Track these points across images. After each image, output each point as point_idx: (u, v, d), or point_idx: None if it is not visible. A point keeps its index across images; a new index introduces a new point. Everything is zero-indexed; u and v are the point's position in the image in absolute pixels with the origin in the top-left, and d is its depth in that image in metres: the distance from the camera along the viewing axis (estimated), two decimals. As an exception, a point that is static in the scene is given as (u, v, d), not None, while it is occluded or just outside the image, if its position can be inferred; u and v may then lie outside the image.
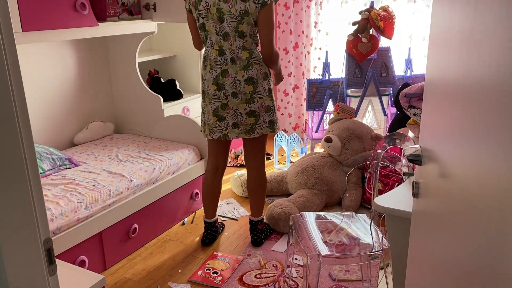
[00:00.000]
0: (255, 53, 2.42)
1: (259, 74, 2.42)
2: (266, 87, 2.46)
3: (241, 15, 2.32)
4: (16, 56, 0.82)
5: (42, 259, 0.91)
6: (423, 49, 4.03)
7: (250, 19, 2.34)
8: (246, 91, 2.42)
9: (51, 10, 2.43)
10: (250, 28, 2.36)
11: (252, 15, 2.33)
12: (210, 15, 2.37)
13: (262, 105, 2.47)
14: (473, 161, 0.80)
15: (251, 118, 2.47)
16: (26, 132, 0.85)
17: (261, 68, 2.44)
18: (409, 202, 1.52)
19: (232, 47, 2.39)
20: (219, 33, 2.39)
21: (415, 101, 2.51)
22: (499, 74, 0.68)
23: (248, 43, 2.39)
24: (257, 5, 2.30)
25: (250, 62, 2.40)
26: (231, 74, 2.41)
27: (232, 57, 2.40)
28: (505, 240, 0.64)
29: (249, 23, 2.35)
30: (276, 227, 2.89)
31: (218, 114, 2.49)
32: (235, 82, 2.41)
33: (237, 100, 2.44)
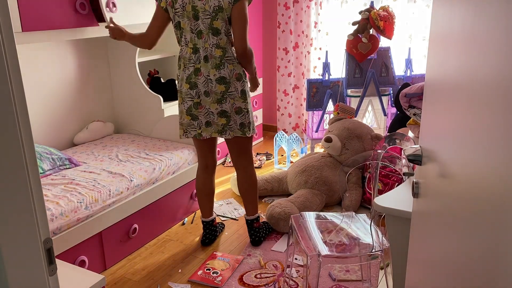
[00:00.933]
0: (229, 53, 2.39)
1: (232, 74, 2.39)
2: (239, 89, 2.42)
3: (215, 11, 2.30)
4: (16, 56, 0.82)
5: (42, 259, 0.91)
6: (423, 49, 4.03)
7: (224, 15, 2.31)
8: (218, 90, 2.40)
9: (51, 10, 2.43)
10: (224, 25, 2.34)
11: (226, 11, 2.30)
12: (185, 13, 2.36)
13: (233, 106, 2.43)
14: (473, 161, 0.80)
15: (222, 118, 2.45)
16: (26, 132, 0.85)
17: (235, 68, 2.40)
18: (409, 202, 1.52)
19: (205, 45, 2.37)
20: (193, 30, 2.38)
21: (415, 101, 2.51)
22: (499, 74, 0.68)
23: (223, 41, 2.37)
24: (230, 0, 2.28)
25: (223, 61, 2.38)
26: (204, 73, 2.40)
27: (206, 55, 2.38)
28: (505, 240, 0.64)
29: (223, 19, 2.32)
30: (276, 227, 2.89)
31: (191, 113, 2.48)
32: (207, 81, 2.39)
33: (209, 99, 2.42)
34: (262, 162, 4.09)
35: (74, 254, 2.32)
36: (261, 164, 4.06)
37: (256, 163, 4.04)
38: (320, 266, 1.93)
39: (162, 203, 2.90)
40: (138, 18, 2.94)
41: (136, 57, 3.30)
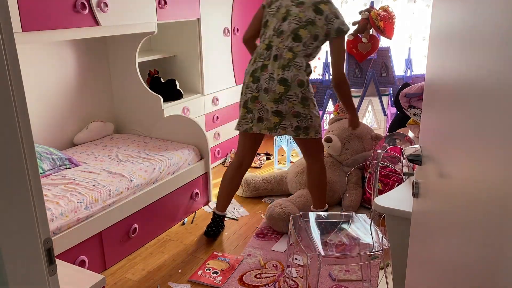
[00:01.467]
0: (300, 60, 2.43)
1: (294, 78, 2.42)
2: (300, 95, 2.44)
3: (307, 22, 2.41)
4: (16, 56, 0.82)
5: (42, 259, 0.91)
6: (423, 49, 4.03)
7: (313, 31, 2.42)
8: (277, 90, 2.43)
9: (51, 10, 2.43)
10: (308, 38, 2.42)
11: (317, 29, 2.41)
12: (277, 14, 2.49)
13: (290, 109, 2.46)
14: (473, 161, 0.80)
15: (276, 117, 2.48)
16: (26, 132, 0.85)
17: (299, 74, 2.42)
18: (409, 202, 1.52)
19: (280, 45, 2.45)
20: (276, 30, 2.48)
21: (415, 101, 2.51)
22: (499, 74, 0.68)
23: (298, 48, 2.43)
24: (328, 26, 2.42)
25: (290, 64, 2.42)
26: (269, 70, 2.45)
27: (276, 54, 2.45)
28: (505, 240, 0.64)
29: (310, 33, 2.42)
30: (276, 227, 2.89)
31: (247, 106, 2.54)
32: (270, 79, 2.44)
33: (267, 97, 2.46)
34: (262, 162, 4.09)
35: (74, 254, 2.32)
36: (261, 164, 4.06)
37: (256, 163, 4.04)
38: (320, 266, 1.92)
39: (162, 203, 2.90)
40: (130, 18, 2.94)
41: (136, 57, 3.30)
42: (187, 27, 3.64)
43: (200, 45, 3.65)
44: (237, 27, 4.06)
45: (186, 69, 3.79)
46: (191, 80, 3.80)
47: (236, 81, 4.19)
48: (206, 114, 3.86)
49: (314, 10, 2.43)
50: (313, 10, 2.43)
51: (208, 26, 3.69)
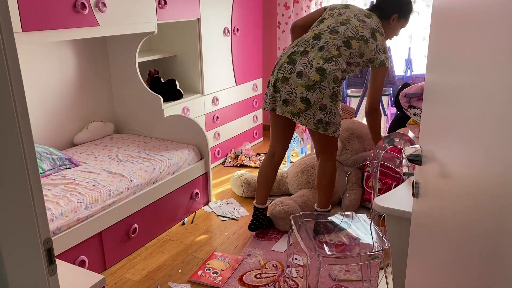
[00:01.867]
0: (341, 61, 2.47)
1: (331, 72, 2.43)
2: (332, 89, 2.44)
3: (362, 38, 2.50)
4: (16, 56, 0.82)
5: (42, 259, 0.91)
6: (423, 49, 4.03)
7: (363, 48, 2.50)
8: (312, 77, 2.43)
9: (51, 10, 2.43)
10: (357, 51, 2.50)
11: (366, 49, 2.52)
12: (336, 17, 2.58)
13: (318, 100, 2.44)
14: (473, 161, 0.80)
15: (302, 104, 2.47)
16: (26, 132, 0.85)
17: (336, 70, 2.44)
18: (409, 202, 1.52)
19: (329, 39, 2.49)
20: (330, 27, 2.54)
21: (415, 101, 2.51)
22: (499, 75, 0.68)
23: (345, 52, 2.48)
24: (375, 54, 2.53)
25: (333, 59, 2.45)
26: (309, 57, 2.47)
27: (323, 46, 2.48)
28: (505, 240, 0.64)
29: (360, 49, 2.50)
30: (276, 225, 2.90)
31: (276, 85, 2.54)
32: (308, 65, 2.45)
33: (300, 81, 2.45)
34: (262, 162, 4.09)
35: (74, 254, 2.32)
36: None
37: (256, 163, 4.04)
38: (320, 266, 1.92)
39: (162, 203, 2.90)
40: (130, 18, 2.94)
41: (136, 57, 3.30)
42: (187, 27, 3.64)
43: (200, 45, 3.65)
44: (237, 27, 4.06)
45: (186, 69, 3.79)
46: (191, 80, 3.80)
47: (236, 81, 4.19)
48: (206, 114, 3.86)
49: (371, 34, 2.53)
50: (370, 33, 2.53)
51: (208, 26, 3.69)
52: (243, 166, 4.06)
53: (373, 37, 2.54)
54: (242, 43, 4.19)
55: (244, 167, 4.05)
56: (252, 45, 4.34)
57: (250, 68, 4.39)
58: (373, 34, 2.55)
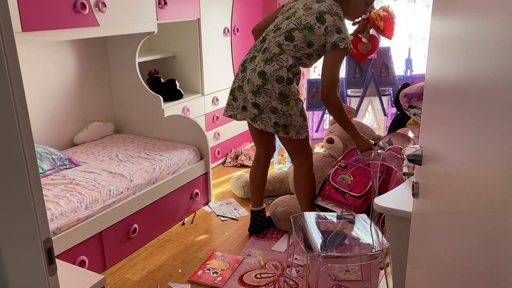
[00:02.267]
0: (285, 58, 2.40)
1: (273, 73, 2.39)
2: (277, 90, 2.39)
3: (305, 26, 2.39)
4: (16, 56, 0.82)
5: (42, 259, 0.91)
6: (423, 49, 4.03)
7: (308, 36, 2.39)
8: (255, 83, 2.43)
9: (51, 10, 2.43)
10: (301, 42, 2.40)
11: (313, 36, 2.38)
12: (285, 13, 2.53)
13: (267, 103, 2.42)
14: (473, 161, 0.80)
15: (255, 109, 2.47)
16: (26, 132, 0.85)
17: (279, 70, 2.38)
18: (409, 202, 1.52)
19: (272, 39, 2.46)
20: (275, 25, 2.51)
21: (415, 101, 2.51)
22: (498, 75, 0.68)
23: (288, 47, 2.40)
24: (326, 38, 2.37)
25: (274, 58, 2.41)
26: (256, 62, 2.47)
27: (266, 48, 2.47)
28: (505, 240, 0.64)
29: (304, 38, 2.39)
30: (278, 226, 2.91)
31: (234, 93, 2.59)
32: (253, 70, 2.45)
33: (248, 87, 2.47)
34: (262, 162, 4.09)
35: (74, 254, 2.32)
36: (261, 164, 4.06)
37: (256, 163, 4.04)
38: (320, 266, 1.92)
39: (162, 203, 2.90)
40: (130, 18, 2.94)
41: (136, 57, 3.30)
42: (187, 27, 3.64)
43: (200, 45, 3.65)
44: (237, 27, 4.06)
45: (186, 69, 3.79)
46: (191, 80, 3.80)
47: (236, 81, 4.19)
48: (206, 114, 3.86)
49: (317, 18, 2.38)
50: (316, 18, 2.38)
51: (208, 26, 3.69)
52: (243, 166, 4.06)
53: (319, 21, 2.37)
54: (242, 43, 4.19)
55: (244, 167, 4.05)
56: (252, 45, 4.33)
57: (250, 68, 4.38)
58: (320, 17, 2.38)
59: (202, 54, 3.69)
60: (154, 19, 3.10)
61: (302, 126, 2.48)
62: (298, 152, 2.60)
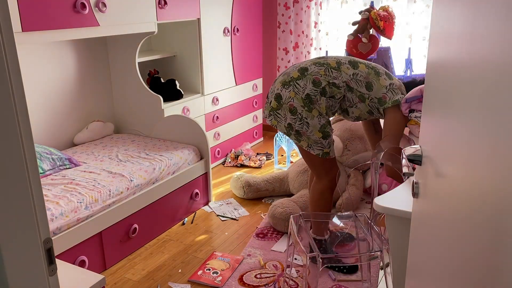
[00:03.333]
0: (332, 74, 2.28)
1: (313, 73, 2.27)
2: (307, 91, 2.24)
3: None
4: (16, 56, 0.82)
5: (42, 259, 0.91)
6: (423, 49, 4.03)
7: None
8: (292, 74, 2.29)
9: (51, 10, 2.43)
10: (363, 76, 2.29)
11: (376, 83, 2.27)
12: None
13: (289, 99, 2.25)
14: (473, 161, 0.80)
15: (275, 101, 2.31)
16: (26, 132, 0.85)
17: (319, 77, 2.25)
18: (409, 202, 1.52)
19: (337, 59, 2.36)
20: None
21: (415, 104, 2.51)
22: (498, 75, 0.68)
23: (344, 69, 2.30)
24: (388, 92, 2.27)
25: (324, 65, 2.30)
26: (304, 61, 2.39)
27: (330, 59, 2.35)
28: (504, 240, 0.64)
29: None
30: (277, 227, 2.90)
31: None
32: (296, 65, 2.35)
33: (281, 78, 2.34)
34: (262, 162, 4.09)
35: (74, 254, 2.32)
36: (261, 164, 4.06)
37: (256, 163, 4.04)
38: (319, 266, 1.92)
39: (162, 203, 2.90)
40: (130, 18, 2.94)
41: (136, 57, 3.30)
42: (187, 27, 3.64)
43: (200, 45, 3.65)
44: (237, 27, 4.06)
45: (186, 69, 3.79)
46: (191, 80, 3.80)
47: (236, 81, 4.19)
48: (206, 114, 3.86)
49: (386, 72, 2.35)
50: (385, 72, 2.35)
51: (208, 26, 3.69)
52: (243, 166, 4.06)
53: (388, 77, 2.34)
54: (242, 43, 4.19)
55: (244, 167, 4.05)
56: (252, 45, 4.34)
57: (250, 68, 4.39)
58: (389, 75, 2.35)
59: (202, 54, 3.69)
60: (154, 19, 3.10)
61: (317, 142, 2.28)
62: (310, 165, 2.41)
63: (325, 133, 2.28)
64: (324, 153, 2.30)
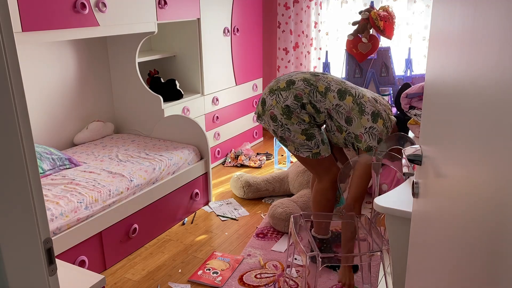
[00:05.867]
0: (315, 84, 2.30)
1: (297, 88, 2.29)
2: (286, 102, 2.28)
3: None
4: (16, 56, 0.82)
5: (42, 259, 0.91)
6: (423, 49, 4.03)
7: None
8: (280, 84, 2.32)
9: (51, 10, 2.43)
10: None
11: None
12: None
13: (271, 106, 2.32)
14: (473, 161, 0.80)
15: (261, 106, 2.37)
16: (26, 132, 0.85)
17: (299, 91, 2.27)
18: (409, 202, 1.52)
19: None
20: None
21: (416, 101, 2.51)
22: (498, 75, 0.68)
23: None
24: None
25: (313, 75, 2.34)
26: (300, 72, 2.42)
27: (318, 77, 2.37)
28: (504, 240, 0.64)
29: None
30: (277, 227, 2.89)
31: None
32: (288, 76, 2.37)
33: (271, 84, 2.38)
34: (262, 162, 4.09)
35: (74, 254, 2.32)
36: (261, 164, 4.06)
37: (256, 163, 4.04)
38: (318, 266, 1.92)
39: (162, 203, 2.90)
40: (129, 18, 2.94)
41: (136, 57, 3.30)
42: (187, 27, 3.64)
43: (200, 45, 3.65)
44: (237, 27, 4.06)
45: (186, 69, 3.79)
46: (191, 80, 3.80)
47: (236, 81, 4.19)
48: (206, 114, 3.86)
49: (372, 113, 2.31)
50: (372, 113, 2.31)
51: (208, 26, 3.69)
52: (243, 166, 4.06)
53: (374, 117, 2.31)
54: (242, 43, 4.19)
55: (244, 167, 4.05)
56: (252, 45, 4.34)
57: (250, 68, 4.39)
58: (376, 115, 2.32)
59: (202, 54, 3.69)
60: (154, 19, 3.10)
61: (302, 144, 2.32)
62: (307, 167, 2.46)
63: (308, 135, 2.31)
64: (313, 154, 2.33)
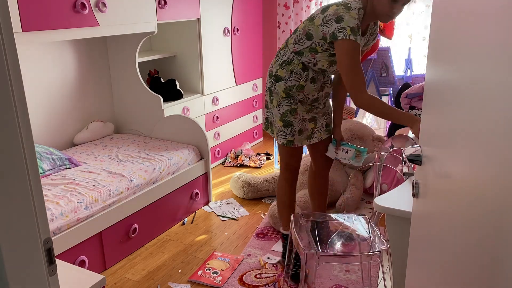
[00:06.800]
0: (281, 54, 2.23)
1: (269, 68, 2.32)
2: (267, 85, 2.32)
3: (309, 17, 2.16)
4: (16, 56, 0.82)
5: (42, 259, 0.91)
6: (423, 49, 4.03)
7: (307, 27, 2.11)
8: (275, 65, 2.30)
9: (51, 10, 2.43)
10: (301, 33, 2.15)
11: (311, 26, 2.09)
12: None
13: (265, 97, 2.38)
14: (473, 161, 0.80)
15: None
16: (26, 132, 0.85)
17: (272, 65, 2.29)
18: (409, 202, 1.52)
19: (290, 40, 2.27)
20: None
21: (416, 101, 2.51)
22: (498, 75, 0.68)
23: (291, 41, 2.20)
24: (324, 28, 2.03)
25: (277, 55, 2.29)
26: None
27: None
28: (504, 239, 0.64)
29: (304, 29, 2.13)
30: (277, 227, 2.89)
31: None
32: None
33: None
34: (262, 162, 4.09)
35: (74, 254, 2.32)
36: (261, 164, 4.05)
37: (256, 163, 4.04)
38: (317, 264, 1.92)
39: (162, 203, 2.90)
40: (130, 18, 2.94)
41: (136, 57, 3.30)
42: (187, 27, 3.64)
43: (200, 45, 3.65)
44: (237, 27, 4.06)
45: (186, 69, 3.79)
46: (191, 80, 3.80)
47: (236, 81, 4.19)
48: (206, 114, 3.86)
49: (322, 10, 2.09)
50: (321, 10, 2.09)
51: (208, 26, 3.69)
52: (243, 166, 4.06)
53: (322, 11, 2.08)
54: (242, 43, 4.19)
55: (244, 167, 4.05)
56: (252, 45, 4.34)
57: (250, 68, 4.39)
58: (325, 9, 2.08)
59: (202, 54, 3.69)
60: (154, 19, 3.10)
61: (280, 130, 2.30)
62: (279, 154, 2.46)
63: (285, 122, 2.28)
64: (288, 141, 2.32)
